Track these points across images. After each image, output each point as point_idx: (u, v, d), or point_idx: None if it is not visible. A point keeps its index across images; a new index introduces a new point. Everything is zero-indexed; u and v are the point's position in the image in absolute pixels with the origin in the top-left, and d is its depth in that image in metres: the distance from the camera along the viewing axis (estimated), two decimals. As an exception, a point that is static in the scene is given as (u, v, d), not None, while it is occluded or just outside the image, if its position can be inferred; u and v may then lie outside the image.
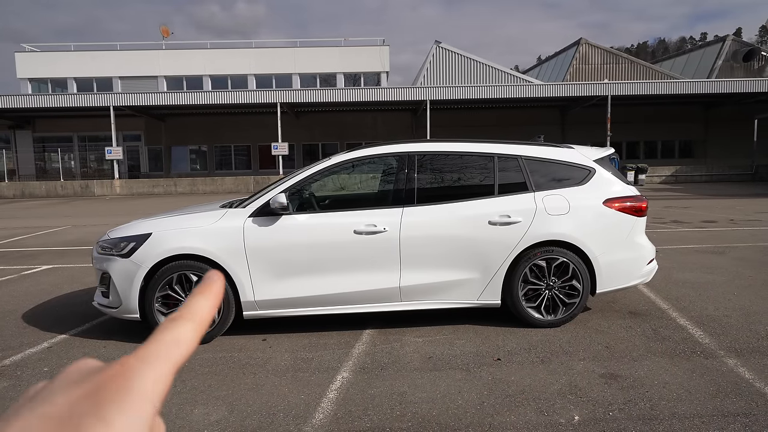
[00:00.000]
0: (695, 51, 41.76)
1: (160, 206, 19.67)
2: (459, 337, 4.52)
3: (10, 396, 3.60)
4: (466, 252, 4.53)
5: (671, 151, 33.26)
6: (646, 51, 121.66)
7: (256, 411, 3.31)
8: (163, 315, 4.43)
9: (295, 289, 4.48)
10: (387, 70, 33.63)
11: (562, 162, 4.79)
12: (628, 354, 4.05)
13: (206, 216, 4.57)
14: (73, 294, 6.36)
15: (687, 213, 13.30)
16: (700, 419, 3.05)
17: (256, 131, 31.70)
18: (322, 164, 4.71)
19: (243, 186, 27.30)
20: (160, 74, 33.46)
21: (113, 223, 13.77)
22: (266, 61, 33.71)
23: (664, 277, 6.24)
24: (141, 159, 32.75)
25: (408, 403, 3.36)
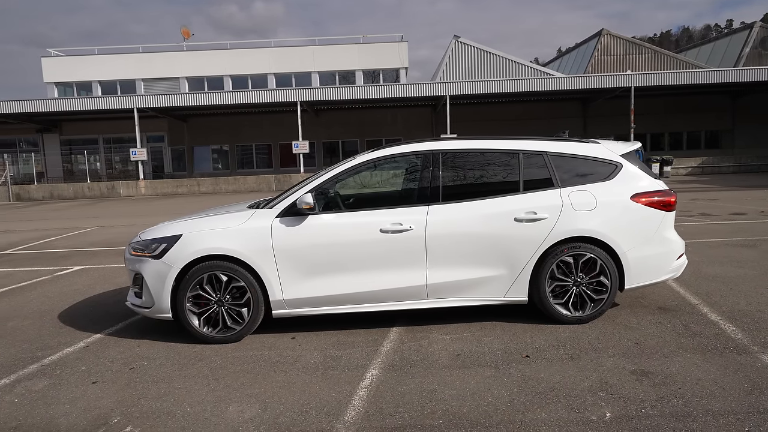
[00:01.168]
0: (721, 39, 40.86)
1: (184, 206, 19.97)
2: (486, 334, 4.53)
3: (49, 394, 3.72)
4: (493, 249, 4.53)
5: (697, 142, 32.65)
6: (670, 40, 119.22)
7: (289, 408, 3.37)
8: (194, 314, 4.52)
9: (323, 288, 4.53)
10: (406, 66, 33.61)
11: (588, 157, 4.76)
12: (658, 350, 4.02)
13: (235, 217, 4.65)
14: (105, 294, 6.52)
15: (715, 205, 13.07)
16: (735, 416, 3.02)
17: (276, 130, 31.94)
18: (347, 164, 4.75)
19: (265, 185, 27.55)
20: (181, 75, 33.93)
21: (140, 224, 14.04)
22: (285, 60, 33.93)
23: (693, 272, 6.16)
24: (164, 159, 33.24)
25: (438, 400, 3.39)
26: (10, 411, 3.49)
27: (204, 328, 4.54)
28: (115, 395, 3.67)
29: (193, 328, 4.52)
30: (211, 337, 4.54)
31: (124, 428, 3.21)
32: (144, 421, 3.28)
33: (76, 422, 3.31)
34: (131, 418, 3.34)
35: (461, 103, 29.69)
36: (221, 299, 4.51)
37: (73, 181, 30.26)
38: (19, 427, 3.28)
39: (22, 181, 30.32)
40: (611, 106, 29.96)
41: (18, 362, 4.35)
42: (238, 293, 4.52)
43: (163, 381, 3.87)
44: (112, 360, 4.32)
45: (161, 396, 3.63)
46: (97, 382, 3.89)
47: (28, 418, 3.38)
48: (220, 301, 4.51)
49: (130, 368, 4.13)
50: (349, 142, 32.95)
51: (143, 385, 3.82)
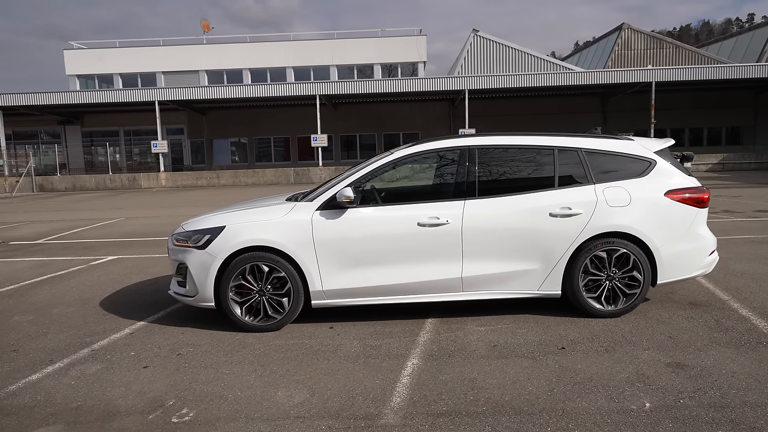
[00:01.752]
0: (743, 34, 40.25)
1: (206, 198, 20.26)
2: (520, 326, 4.63)
3: (103, 378, 3.89)
4: (527, 243, 4.63)
5: (717, 138, 32.31)
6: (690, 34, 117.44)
7: (336, 394, 3.51)
8: (236, 303, 4.68)
9: (361, 280, 4.66)
10: (424, 60, 33.60)
11: (622, 154, 4.83)
12: (692, 344, 4.10)
13: (276, 209, 4.79)
14: (141, 284, 6.71)
15: (738, 202, 13.01)
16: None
17: (294, 123, 32.14)
18: (385, 158, 4.87)
19: (283, 178, 27.79)
20: (201, 68, 34.23)
21: (165, 216, 14.31)
22: (304, 54, 34.08)
23: (721, 268, 6.20)
24: (184, 152, 33.62)
25: (480, 388, 3.51)
26: (69, 392, 3.67)
27: (246, 317, 4.70)
28: (166, 379, 3.83)
29: (235, 316, 4.68)
30: (252, 325, 4.69)
31: (180, 410, 3.37)
32: (198, 404, 3.44)
33: (134, 404, 3.48)
34: (185, 401, 3.50)
35: (479, 98, 29.62)
36: (263, 289, 4.66)
37: (95, 173, 30.74)
38: (80, 408, 3.45)
39: (44, 172, 30.87)
40: (631, 101, 29.74)
41: (69, 347, 4.54)
42: (279, 283, 4.66)
43: (211, 367, 4.03)
44: (158, 346, 4.49)
45: (211, 381, 3.78)
46: (147, 367, 4.06)
47: (87, 400, 3.56)
48: (262, 290, 4.66)
49: (177, 354, 4.30)
50: (366, 135, 33.07)
51: (192, 370, 3.98)
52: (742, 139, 32.14)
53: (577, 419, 3.07)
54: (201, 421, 3.23)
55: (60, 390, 3.71)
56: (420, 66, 34.05)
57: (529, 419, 3.10)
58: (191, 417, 3.28)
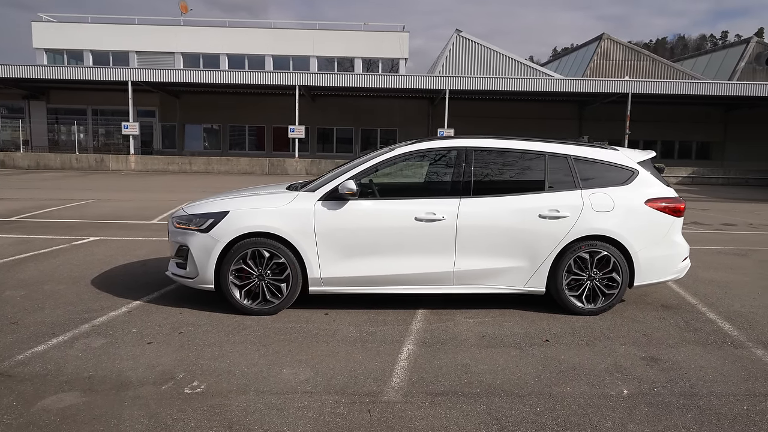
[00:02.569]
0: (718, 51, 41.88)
1: (178, 184, 20.19)
2: (507, 319, 5.00)
3: (110, 351, 4.10)
4: (517, 242, 5.00)
5: (688, 152, 33.59)
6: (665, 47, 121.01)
7: (339, 373, 3.80)
8: (236, 287, 4.91)
9: (358, 269, 4.95)
10: (406, 56, 33.97)
11: (607, 163, 5.24)
12: (664, 341, 4.53)
13: (279, 197, 5.05)
14: (130, 265, 6.86)
15: (706, 215, 13.73)
16: (735, 397, 3.53)
17: (271, 112, 32.08)
18: (386, 154, 5.16)
19: (258, 167, 27.78)
20: (177, 51, 33.86)
21: (137, 200, 14.30)
22: (284, 42, 34.05)
23: (690, 275, 6.68)
24: (154, 135, 33.22)
25: (473, 373, 3.85)
26: (79, 363, 3.87)
27: (245, 300, 4.94)
28: (172, 355, 4.06)
29: (234, 299, 4.92)
30: (250, 308, 4.94)
31: (191, 382, 3.62)
32: (208, 378, 3.69)
33: (145, 376, 3.70)
34: (195, 374, 3.74)
35: (458, 98, 30.08)
36: (262, 274, 4.91)
37: (59, 152, 30.12)
38: (93, 377, 3.66)
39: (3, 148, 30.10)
40: (607, 110, 30.67)
41: (68, 322, 4.71)
42: (278, 269, 4.92)
43: (215, 345, 4.27)
44: (159, 324, 4.70)
45: (216, 358, 4.03)
46: (152, 343, 4.28)
47: (98, 371, 3.77)
48: (261, 275, 4.91)
49: (179, 332, 4.52)
50: (343, 129, 33.26)
51: (197, 347, 4.22)
52: (712, 155, 33.51)
53: (562, 402, 3.44)
54: (213, 392, 3.49)
55: (69, 361, 3.91)
56: (401, 62, 34.41)
57: (520, 400, 3.45)
58: (203, 389, 3.53)
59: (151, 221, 10.64)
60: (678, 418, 3.25)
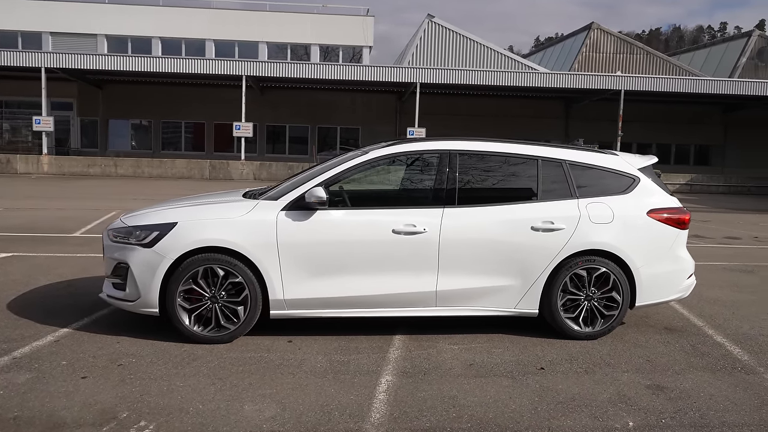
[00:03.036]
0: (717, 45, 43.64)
1: (102, 191, 19.84)
2: (495, 345, 5.13)
3: (37, 388, 4.04)
4: (507, 258, 5.14)
5: (686, 157, 34.83)
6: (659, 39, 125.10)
7: (309, 409, 3.84)
8: (185, 311, 4.90)
9: (327, 289, 5.01)
10: (370, 44, 34.33)
11: (606, 169, 5.46)
12: (670, 367, 4.73)
13: (235, 206, 5.07)
14: (52, 286, 6.75)
15: (707, 227, 14.28)
16: (749, 428, 3.72)
17: (212, 106, 31.91)
18: (360, 158, 5.25)
19: (197, 171, 27.51)
20: (100, 33, 33.36)
21: (53, 208, 14.03)
22: (228, 26, 33.96)
23: (695, 294, 6.94)
24: (72, 132, 32.54)
25: (461, 406, 3.94)
26: (1, 402, 3.80)
27: (195, 326, 4.93)
28: (112, 391, 4.03)
29: (182, 325, 4.90)
30: (202, 336, 4.93)
31: (137, 423, 3.60)
32: (156, 417, 3.68)
33: (81, 416, 3.67)
34: (141, 413, 3.72)
35: (431, 93, 30.51)
36: (216, 295, 4.91)
37: (-45, 151, 29.19)
38: (19, 418, 3.61)
39: None
40: (597, 109, 31.57)
41: (-17, 354, 4.61)
42: (235, 290, 4.93)
43: (162, 379, 4.25)
44: (93, 356, 4.65)
45: (165, 393, 4.02)
46: (87, 378, 4.23)
47: (25, 410, 3.71)
48: (215, 297, 4.92)
49: (118, 365, 4.49)
50: (297, 127, 33.30)
51: (140, 382, 4.19)
52: (711, 160, 34.83)
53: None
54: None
55: (-12, 399, 3.84)
56: (365, 51, 34.74)
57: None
58: (152, 429, 3.52)
59: (74, 234, 10.44)
60: (689, 452, 3.41)
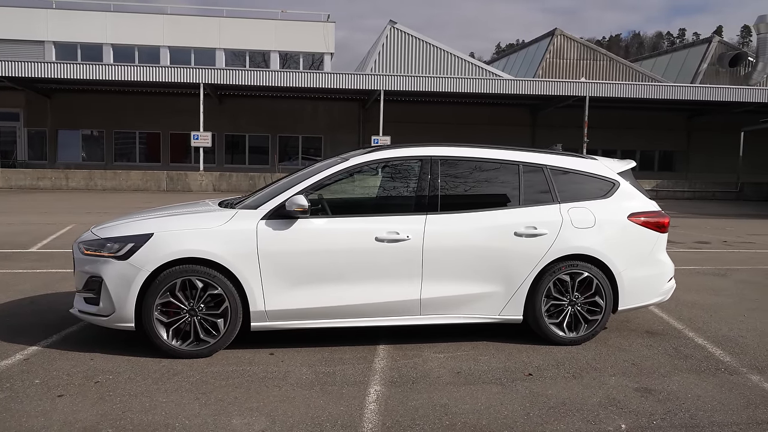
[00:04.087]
0: (678, 51, 45.03)
1: (54, 204, 19.43)
2: (481, 353, 5.22)
3: (12, 408, 3.97)
4: (491, 264, 5.25)
5: (650, 163, 35.75)
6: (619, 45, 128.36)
7: (300, 421, 3.86)
8: (162, 325, 4.86)
9: (310, 300, 5.03)
10: (332, 51, 34.42)
11: (587, 173, 5.62)
12: (656, 370, 4.89)
13: (213, 216, 5.07)
14: (13, 303, 6.61)
15: (677, 233, 14.69)
16: (738, 426, 3.88)
17: (167, 116, 31.57)
18: (341, 164, 5.30)
19: (153, 183, 27.12)
20: (47, 39, 32.72)
21: (6, 223, 13.73)
22: (183, 32, 33.70)
23: (672, 298, 7.15)
24: (18, 143, 31.80)
25: (454, 414, 4.01)
26: (-25, 424, 3.73)
27: (173, 341, 4.89)
28: (92, 409, 3.99)
29: (160, 339, 4.86)
30: (180, 350, 4.90)
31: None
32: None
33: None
34: (125, 430, 3.70)
35: (395, 100, 30.71)
36: (194, 308, 4.89)
37: None
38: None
39: None
40: (562, 116, 32.21)
41: (-51, 375, 4.51)
42: (214, 302, 4.91)
43: (143, 395, 4.22)
44: (67, 373, 4.58)
45: (148, 410, 3.99)
46: (63, 396, 4.17)
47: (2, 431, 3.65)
48: (194, 310, 4.89)
49: (95, 382, 4.43)
50: (257, 137, 33.15)
51: (121, 398, 4.16)
52: (675, 166, 35.85)
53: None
54: (152, 450, 3.47)
55: (-39, 421, 3.76)
56: (326, 58, 34.83)
57: (511, 441, 3.65)
58: (139, 447, 3.50)
59: (30, 249, 10.22)
60: (683, 452, 3.54)
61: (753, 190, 29.88)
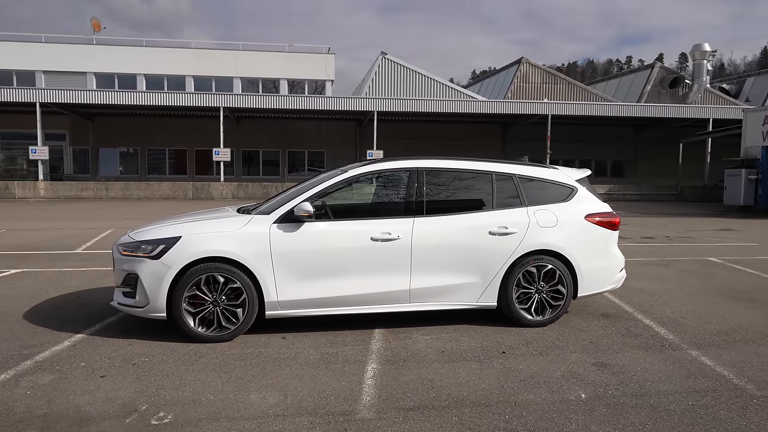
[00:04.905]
0: (626, 75, 45.18)
1: (95, 212, 19.33)
2: (462, 335, 5.22)
3: (62, 387, 3.94)
4: (469, 259, 5.25)
5: (604, 170, 35.84)
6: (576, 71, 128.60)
7: (308, 395, 3.86)
8: (190, 314, 4.85)
9: (315, 291, 5.02)
10: (332, 78, 34.39)
11: (550, 181, 5.63)
12: (610, 347, 4.90)
13: (232, 221, 5.06)
14: (62, 297, 6.57)
15: (627, 229, 14.72)
16: (680, 395, 3.89)
17: (193, 135, 31.45)
18: (341, 176, 5.29)
19: (181, 192, 27.00)
20: (89, 70, 32.56)
21: (52, 228, 13.63)
22: (206, 63, 33.58)
23: (624, 286, 7.15)
24: (65, 160, 31.62)
25: (439, 387, 4.01)
26: (30, 402, 3.70)
27: (199, 328, 4.88)
28: (130, 387, 3.97)
29: (188, 327, 4.85)
30: (205, 336, 4.88)
31: (157, 414, 3.56)
32: (173, 408, 3.64)
33: (105, 410, 3.60)
34: (159, 405, 3.68)
35: (387, 120, 30.71)
36: (217, 300, 4.88)
37: (-45, 179, 28.01)
38: (48, 415, 3.52)
39: None
40: (528, 131, 32.28)
41: (7, 360, 4.47)
42: (234, 294, 4.90)
43: (174, 375, 4.20)
44: (108, 357, 4.56)
45: (178, 387, 3.97)
46: (105, 377, 4.15)
47: (53, 407, 3.63)
48: (216, 301, 4.88)
49: (132, 364, 4.41)
50: (269, 152, 33.05)
51: (155, 378, 4.13)
52: (625, 172, 35.96)
53: (528, 408, 3.67)
54: (182, 422, 3.45)
55: (18, 399, 3.73)
56: (327, 84, 34.78)
57: (489, 410, 3.65)
58: (170, 419, 3.49)
59: (76, 251, 10.16)
60: (634, 417, 3.55)
61: (691, 192, 29.95)
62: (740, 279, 7.99)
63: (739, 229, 15.08)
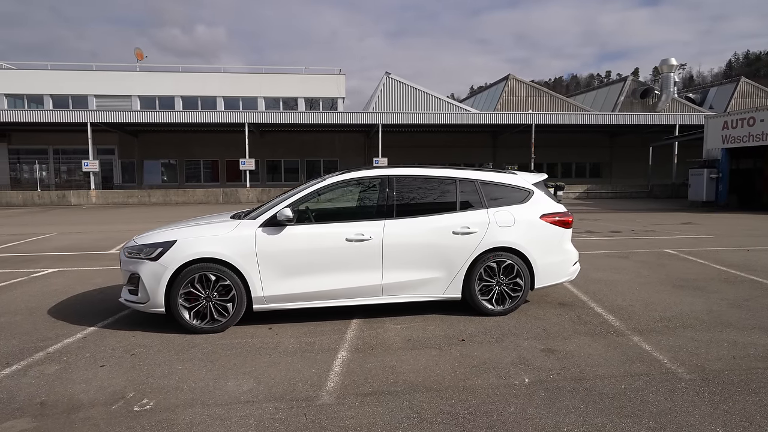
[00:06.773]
0: (602, 88, 44.47)
1: (137, 216, 19.39)
2: (429, 324, 5.07)
3: (63, 377, 3.86)
4: (435, 256, 5.09)
5: (583, 172, 35.33)
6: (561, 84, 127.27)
7: (279, 382, 3.74)
8: (185, 309, 4.75)
9: (297, 286, 4.90)
10: (343, 96, 34.24)
11: (508, 185, 5.45)
12: (560, 334, 4.72)
13: (222, 226, 4.95)
14: (87, 293, 6.51)
15: (597, 224, 14.44)
16: (615, 379, 3.71)
17: (223, 147, 31.52)
18: (319, 184, 5.17)
19: (212, 197, 27.05)
20: (133, 93, 32.79)
21: (97, 231, 13.64)
22: (233, 85, 33.64)
23: (583, 276, 7.02)
24: (114, 171, 31.85)
25: (398, 373, 3.87)
26: (31, 390, 3.63)
27: (194, 320, 4.78)
28: (124, 376, 3.87)
29: (184, 320, 4.75)
30: (199, 327, 4.79)
31: (140, 401, 3.46)
32: (157, 395, 3.54)
33: (96, 397, 3.51)
34: (144, 393, 3.58)
35: (391, 131, 30.53)
36: (209, 296, 4.78)
37: (21, 189, 28.33)
38: (45, 402, 3.44)
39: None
40: (516, 139, 31.92)
41: (23, 351, 4.41)
42: (224, 291, 4.80)
43: (165, 364, 4.10)
44: (112, 348, 4.48)
45: (166, 375, 3.87)
46: (104, 366, 4.07)
47: (51, 395, 3.55)
48: (209, 297, 4.78)
49: (131, 354, 4.32)
50: (290, 161, 33.00)
51: (147, 367, 4.04)
52: (601, 173, 35.39)
53: (474, 393, 3.52)
54: (161, 408, 3.35)
55: (22, 388, 3.66)
56: (339, 101, 34.62)
57: (438, 394, 3.50)
58: (151, 406, 3.39)
59: (109, 251, 10.14)
60: (569, 400, 3.38)
61: (660, 190, 29.36)
62: (690, 269, 7.72)
63: (699, 223, 14.71)
